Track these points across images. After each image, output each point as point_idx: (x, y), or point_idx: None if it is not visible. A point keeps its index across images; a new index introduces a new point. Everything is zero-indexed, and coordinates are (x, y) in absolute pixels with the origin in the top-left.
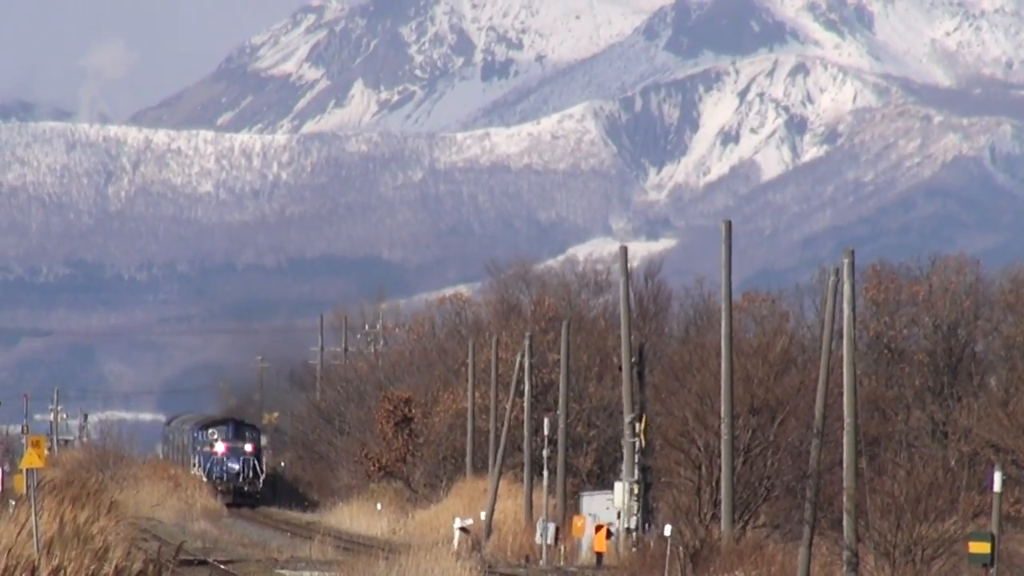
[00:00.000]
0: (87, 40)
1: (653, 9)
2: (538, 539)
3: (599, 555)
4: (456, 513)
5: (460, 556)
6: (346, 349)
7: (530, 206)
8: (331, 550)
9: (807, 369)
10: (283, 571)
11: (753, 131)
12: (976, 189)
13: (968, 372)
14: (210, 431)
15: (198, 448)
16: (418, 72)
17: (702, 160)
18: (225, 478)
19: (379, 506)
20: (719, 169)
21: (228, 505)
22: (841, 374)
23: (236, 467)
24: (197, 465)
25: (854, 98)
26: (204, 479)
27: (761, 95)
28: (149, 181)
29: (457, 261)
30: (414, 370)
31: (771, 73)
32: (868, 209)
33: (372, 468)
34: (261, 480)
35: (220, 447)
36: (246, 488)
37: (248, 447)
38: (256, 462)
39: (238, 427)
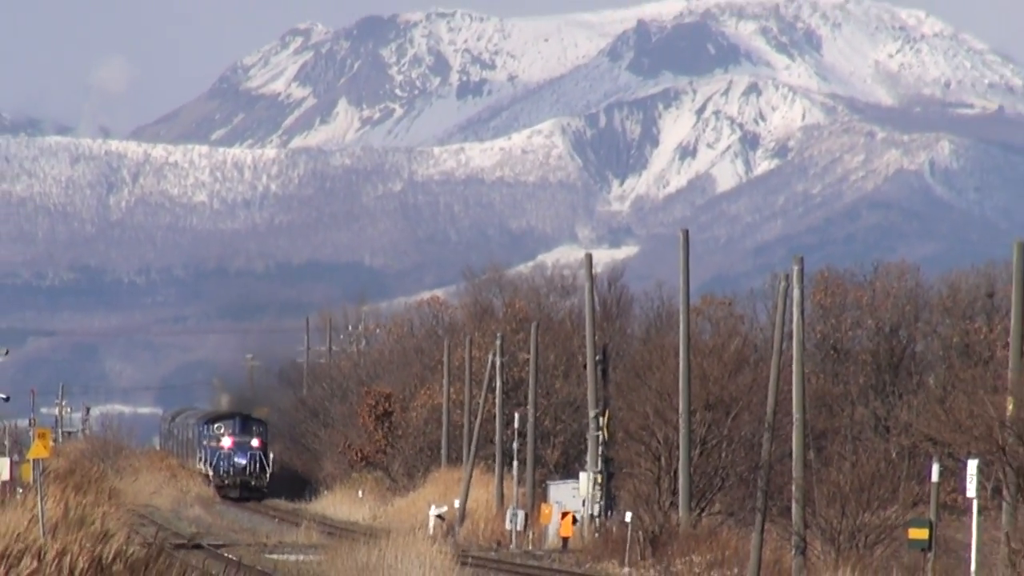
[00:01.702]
0: (90, 61)
1: (616, 32)
2: (508, 525)
3: (565, 540)
4: (432, 501)
5: (435, 541)
6: (330, 348)
7: (502, 215)
8: (316, 535)
9: (759, 368)
10: (272, 555)
11: (709, 146)
12: (916, 201)
13: (908, 371)
14: (216, 426)
15: (204, 443)
16: (398, 91)
17: (662, 173)
18: (232, 472)
19: (361, 494)
20: (677, 182)
21: (235, 499)
22: (791, 372)
23: (243, 462)
24: (203, 459)
25: (803, 116)
26: (211, 473)
27: (717, 113)
28: (148, 192)
29: (434, 267)
30: (394, 368)
31: (726, 92)
32: (816, 219)
33: (354, 459)
34: (268, 474)
35: (227, 442)
36: (253, 482)
37: (255, 442)
38: (263, 456)
39: (245, 422)
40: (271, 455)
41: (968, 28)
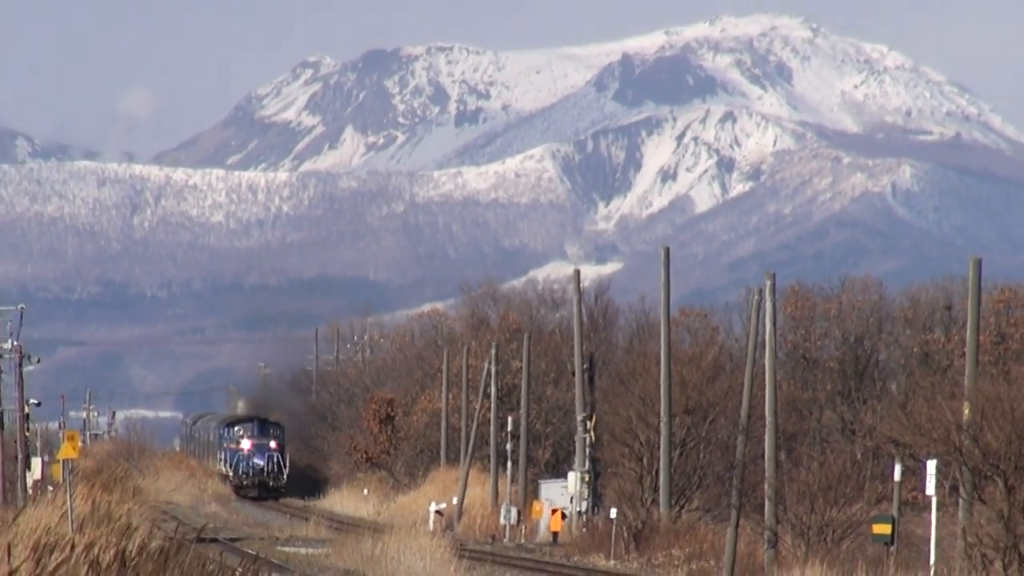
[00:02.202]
0: (116, 91)
1: (603, 65)
2: (502, 520)
3: (555, 534)
4: (432, 498)
5: (435, 535)
6: (338, 357)
7: (496, 234)
8: (324, 530)
9: (734, 375)
10: (284, 548)
11: (688, 170)
12: (880, 221)
13: (872, 378)
14: (236, 428)
15: (224, 445)
16: (400, 119)
17: (644, 195)
18: (251, 473)
19: (366, 492)
20: (659, 202)
21: (253, 498)
22: (764, 379)
23: (261, 463)
24: (223, 461)
25: (775, 142)
26: (230, 474)
27: (695, 139)
28: (169, 212)
29: (433, 281)
30: (396, 375)
31: (704, 120)
32: (787, 237)
33: (360, 459)
34: (285, 475)
35: (246, 444)
36: (271, 483)
37: (272, 444)
38: (280, 458)
39: (263, 425)
40: (288, 456)
41: (927, 61)
